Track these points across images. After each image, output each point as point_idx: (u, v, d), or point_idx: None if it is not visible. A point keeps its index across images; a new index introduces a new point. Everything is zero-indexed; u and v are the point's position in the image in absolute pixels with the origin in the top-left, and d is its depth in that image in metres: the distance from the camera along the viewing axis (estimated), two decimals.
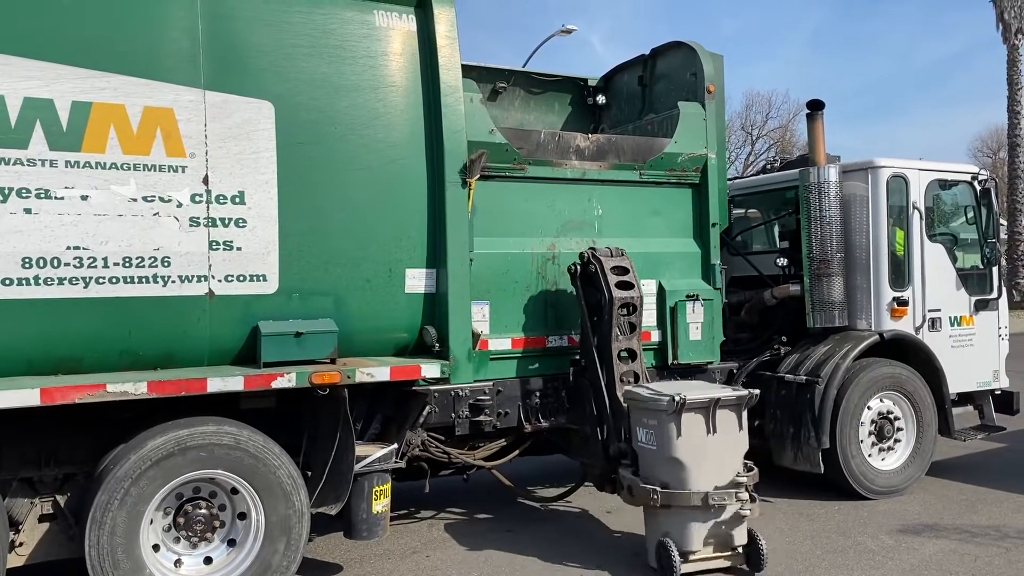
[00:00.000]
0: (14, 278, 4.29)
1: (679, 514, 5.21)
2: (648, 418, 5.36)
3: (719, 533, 5.23)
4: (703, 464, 5.22)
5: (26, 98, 4.32)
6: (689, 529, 5.19)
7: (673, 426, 5.19)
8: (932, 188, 7.58)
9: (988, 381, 7.80)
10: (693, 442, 5.22)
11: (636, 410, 5.50)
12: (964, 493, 7.14)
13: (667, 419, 5.20)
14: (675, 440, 5.20)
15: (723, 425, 5.29)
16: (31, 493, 4.67)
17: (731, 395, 5.36)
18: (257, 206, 4.86)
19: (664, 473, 5.25)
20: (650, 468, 5.35)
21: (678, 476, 5.21)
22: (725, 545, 5.25)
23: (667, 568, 5.15)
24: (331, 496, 5.05)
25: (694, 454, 5.22)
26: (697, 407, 5.24)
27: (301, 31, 5.04)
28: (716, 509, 5.17)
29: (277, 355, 4.82)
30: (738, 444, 5.40)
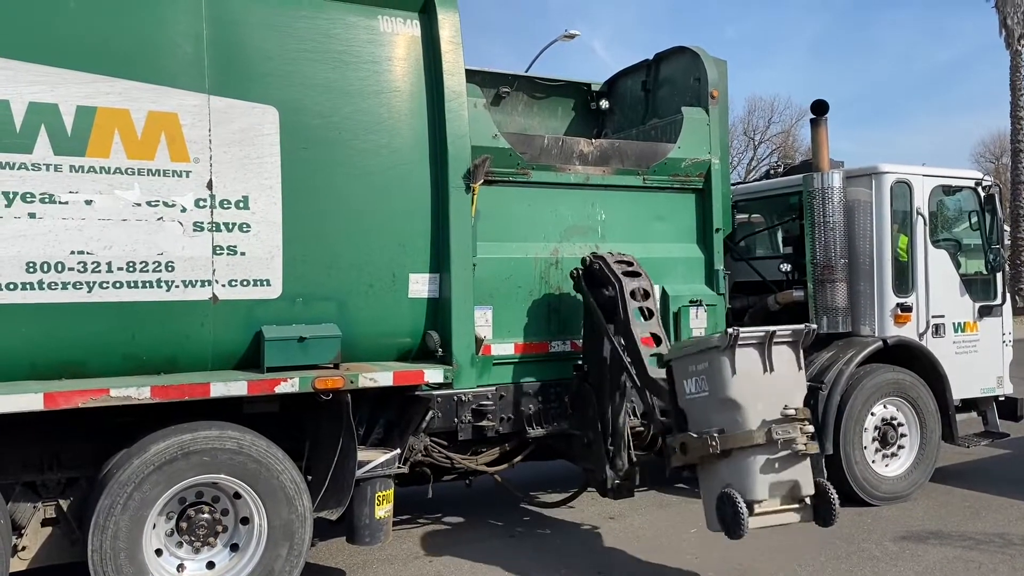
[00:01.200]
0: (18, 282, 4.30)
1: (740, 460, 4.78)
2: (697, 364, 4.97)
3: (785, 481, 4.81)
4: (759, 405, 4.80)
5: (31, 103, 4.32)
6: (753, 475, 4.75)
7: (727, 363, 4.80)
8: (936, 194, 7.58)
9: (992, 387, 7.78)
10: (749, 380, 4.82)
11: (682, 364, 5.10)
12: (968, 500, 7.12)
13: (719, 357, 4.81)
14: (730, 379, 4.80)
15: (780, 363, 4.90)
16: (34, 497, 4.67)
17: (786, 329, 4.96)
18: (261, 211, 4.86)
19: (719, 418, 4.84)
20: (703, 417, 4.94)
21: (734, 418, 4.79)
22: (792, 496, 4.84)
23: (734, 521, 4.69)
24: (333, 501, 5.04)
25: (750, 393, 4.81)
26: (751, 342, 4.85)
27: (306, 36, 5.05)
28: (782, 445, 4.72)
29: (280, 360, 4.82)
30: (797, 385, 5.00)
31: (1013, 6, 27.45)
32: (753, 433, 4.75)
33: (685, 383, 5.12)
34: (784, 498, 4.87)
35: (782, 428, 4.75)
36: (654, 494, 7.44)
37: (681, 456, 5.08)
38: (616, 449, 5.97)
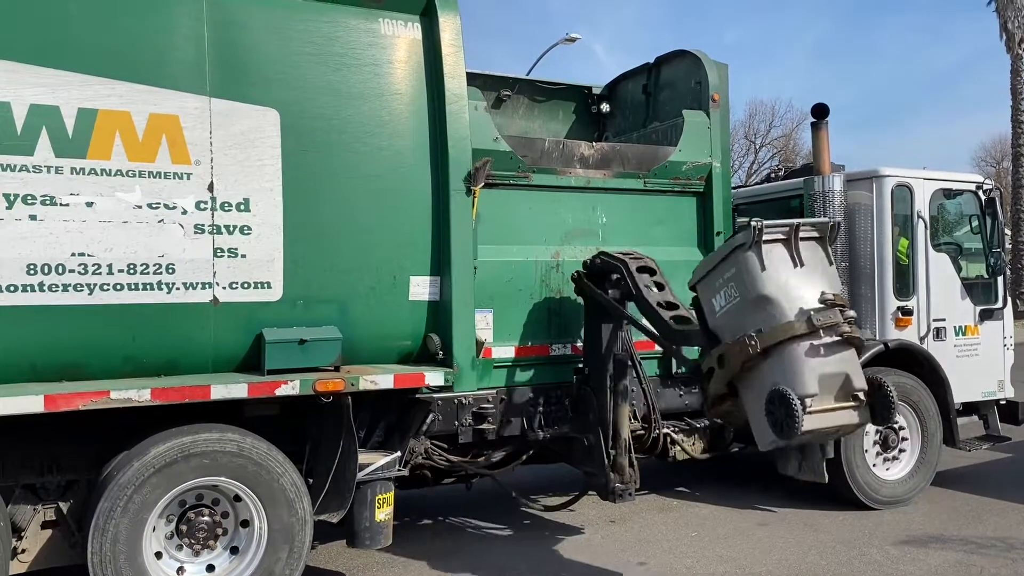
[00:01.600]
0: (19, 284, 4.29)
1: (783, 355, 4.48)
2: (724, 273, 4.77)
3: (834, 373, 4.51)
4: (794, 297, 4.55)
5: (32, 105, 4.32)
6: (799, 368, 4.44)
7: (754, 259, 4.60)
8: (936, 197, 7.57)
9: (993, 391, 7.77)
10: (780, 275, 4.60)
11: (708, 282, 4.91)
12: (969, 504, 7.11)
13: (746, 255, 4.62)
14: (760, 275, 4.57)
15: (809, 257, 4.70)
16: (34, 500, 4.67)
17: (810, 222, 4.78)
18: (262, 213, 4.86)
19: (754, 319, 4.57)
20: (738, 324, 4.67)
21: (771, 315, 4.52)
22: (845, 392, 4.54)
23: (788, 420, 4.32)
24: (334, 504, 5.04)
25: (783, 287, 4.58)
26: (777, 237, 4.64)
27: (307, 39, 5.05)
28: (824, 332, 4.45)
29: (281, 362, 4.82)
30: (831, 279, 4.77)
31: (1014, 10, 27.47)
32: (793, 323, 4.46)
33: (714, 301, 4.86)
34: (837, 394, 4.52)
35: (823, 314, 4.47)
36: (655, 497, 7.43)
37: (720, 370, 4.74)
38: (617, 452, 5.96)
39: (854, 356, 4.63)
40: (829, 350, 4.52)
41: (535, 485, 7.57)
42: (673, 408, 6.76)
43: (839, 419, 4.53)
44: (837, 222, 4.84)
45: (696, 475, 8.02)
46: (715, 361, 4.78)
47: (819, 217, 4.81)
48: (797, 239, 4.70)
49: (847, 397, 4.56)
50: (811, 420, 4.39)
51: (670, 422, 6.77)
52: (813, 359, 4.47)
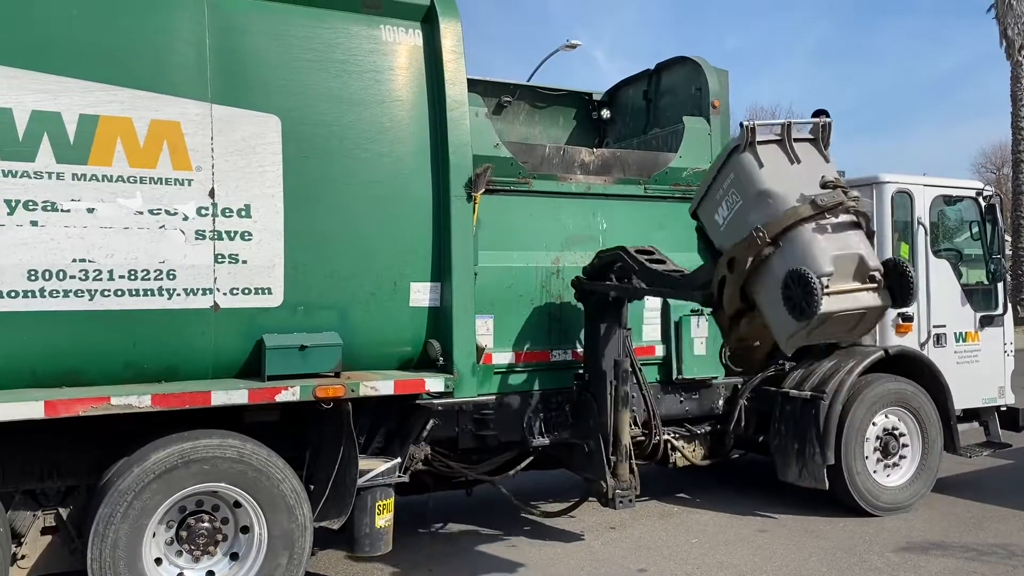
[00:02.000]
0: (20, 290, 4.30)
1: (793, 242, 4.42)
2: (723, 182, 4.78)
3: (847, 254, 4.41)
4: (795, 187, 4.53)
5: (34, 111, 4.33)
6: (811, 249, 4.35)
7: (751, 159, 4.62)
8: (937, 204, 7.59)
9: (993, 397, 7.77)
10: (778, 170, 4.60)
11: (708, 201, 4.91)
12: (970, 510, 7.10)
13: (742, 156, 4.64)
14: (758, 172, 4.59)
15: (805, 156, 4.69)
16: (34, 506, 4.67)
17: (803, 123, 4.78)
18: (263, 219, 4.87)
19: (759, 215, 4.54)
20: (743, 226, 4.62)
21: (775, 206, 4.50)
22: (861, 273, 4.43)
23: (806, 298, 4.18)
24: (334, 510, 5.03)
25: (783, 180, 4.56)
26: (770, 138, 4.68)
27: (308, 45, 5.06)
28: (830, 212, 4.41)
29: (281, 368, 4.82)
30: (829, 173, 4.69)
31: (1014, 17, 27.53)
32: (797, 208, 4.42)
33: (716, 217, 4.84)
34: (854, 275, 4.40)
35: (826, 195, 4.43)
36: (655, 504, 7.42)
37: (732, 283, 4.63)
38: (617, 459, 5.96)
39: (863, 238, 4.55)
40: (838, 229, 4.45)
41: (535, 491, 7.56)
42: (673, 414, 6.77)
43: (859, 301, 4.39)
44: (828, 122, 4.77)
45: (696, 481, 8.01)
46: (725, 267, 4.67)
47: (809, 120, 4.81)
48: (790, 139, 4.69)
49: (864, 279, 4.43)
50: (830, 301, 4.26)
51: (670, 428, 6.78)
52: (823, 240, 4.39)
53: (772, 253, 4.46)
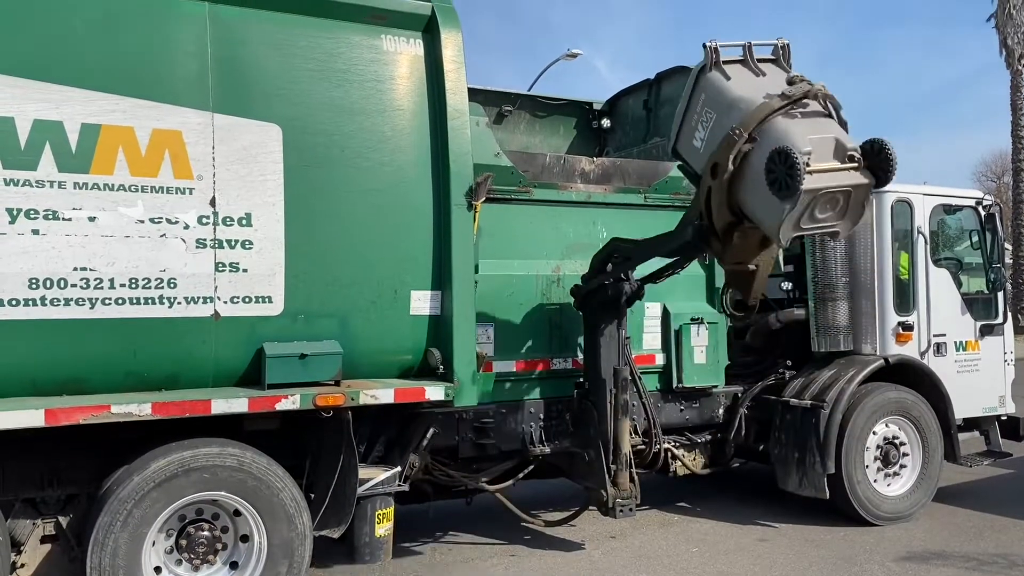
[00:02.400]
0: (21, 299, 4.30)
1: (769, 133, 4.55)
2: (696, 106, 4.98)
3: (824, 137, 4.53)
4: (763, 92, 4.73)
5: (36, 120, 4.34)
6: (788, 135, 4.46)
7: (718, 76, 4.86)
8: (936, 213, 7.60)
9: (994, 406, 7.76)
10: (745, 81, 4.83)
11: (685, 132, 5.10)
12: (971, 520, 7.09)
13: (709, 75, 4.89)
14: (727, 85, 4.82)
15: (769, 71, 4.93)
16: (33, 514, 4.66)
17: (761, 43, 5.02)
18: (264, 228, 4.87)
19: (733, 119, 4.72)
20: (720, 133, 4.81)
21: (748, 107, 4.68)
22: (840, 153, 4.54)
23: (790, 174, 4.30)
24: (334, 519, 5.03)
25: (751, 91, 4.74)
26: (734, 59, 4.93)
27: (309, 55, 5.08)
28: (799, 100, 4.60)
29: (282, 377, 4.82)
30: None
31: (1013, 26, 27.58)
32: (768, 102, 4.61)
33: (695, 142, 5.00)
34: (833, 155, 4.52)
35: (794, 87, 4.65)
36: (655, 513, 7.41)
37: (718, 191, 4.77)
38: (617, 467, 5.96)
39: (837, 125, 4.69)
40: (809, 116, 4.62)
41: (536, 500, 7.55)
42: (674, 423, 6.77)
43: (842, 179, 4.49)
44: (787, 43, 4.97)
45: (697, 490, 8.00)
46: (709, 176, 4.79)
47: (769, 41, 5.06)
48: (753, 57, 4.91)
49: (843, 159, 4.54)
50: (812, 179, 4.35)
51: (671, 437, 6.78)
52: (797, 126, 4.53)
53: (751, 149, 4.59)
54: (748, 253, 5.07)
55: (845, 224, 4.74)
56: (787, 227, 4.56)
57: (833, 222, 4.67)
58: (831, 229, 4.73)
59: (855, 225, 4.79)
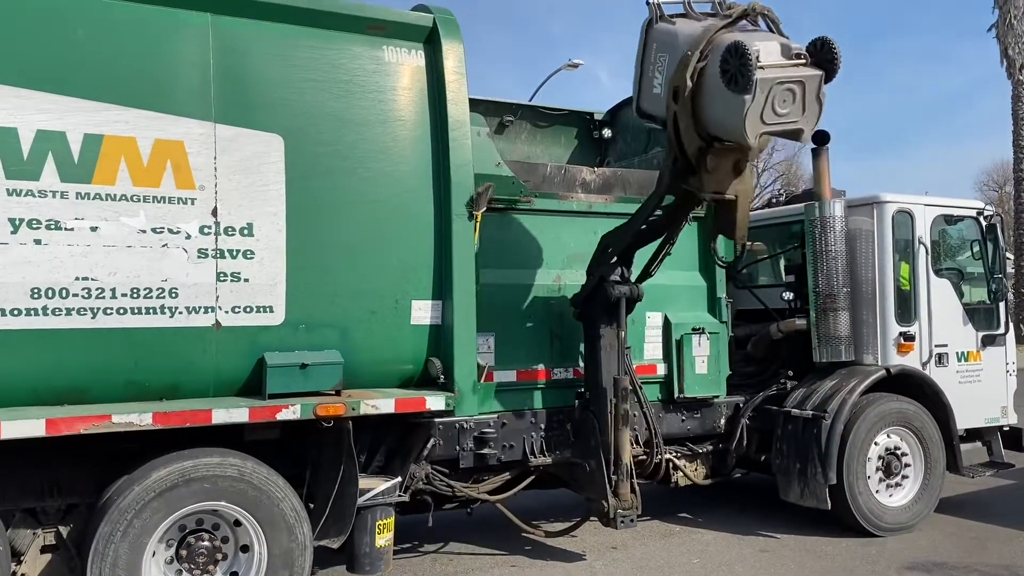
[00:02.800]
0: (23, 308, 4.32)
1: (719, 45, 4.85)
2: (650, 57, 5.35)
3: (769, 40, 4.90)
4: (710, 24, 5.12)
5: (39, 130, 4.37)
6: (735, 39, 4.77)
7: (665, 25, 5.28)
8: (938, 223, 7.59)
9: (996, 417, 7.74)
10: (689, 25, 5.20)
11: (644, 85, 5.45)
12: (973, 531, 7.06)
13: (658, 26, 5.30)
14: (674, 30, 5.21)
15: (709, 20, 5.22)
16: (34, 524, 4.66)
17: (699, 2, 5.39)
18: (265, 238, 4.89)
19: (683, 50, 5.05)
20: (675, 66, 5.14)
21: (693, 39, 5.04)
22: (787, 55, 4.88)
23: (742, 69, 4.62)
24: (334, 529, 5.02)
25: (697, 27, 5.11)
26: (678, 12, 5.33)
27: (311, 66, 5.11)
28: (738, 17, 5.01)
29: (282, 386, 4.83)
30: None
31: (1014, 36, 27.62)
32: (713, 24, 5.02)
33: (655, 90, 5.34)
34: (781, 54, 4.85)
35: (731, 8, 5.09)
36: (657, 523, 7.39)
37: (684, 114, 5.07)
38: (618, 478, 5.95)
39: (777, 36, 5.03)
40: (752, 31, 5.04)
41: (536, 511, 7.53)
42: (675, 433, 6.75)
43: (794, 72, 4.80)
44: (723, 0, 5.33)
45: (698, 501, 7.98)
46: (672, 101, 5.10)
47: None
48: (694, 9, 5.27)
49: (791, 59, 4.88)
50: (766, 72, 4.68)
51: (672, 447, 6.76)
52: (745, 36, 4.87)
53: (704, 64, 4.93)
54: (724, 179, 5.34)
55: (806, 121, 4.93)
56: (752, 123, 4.78)
57: (795, 118, 4.88)
58: (793, 126, 4.92)
59: (816, 124, 5.00)
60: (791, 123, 4.87)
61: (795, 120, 4.88)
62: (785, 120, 4.84)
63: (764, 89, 4.66)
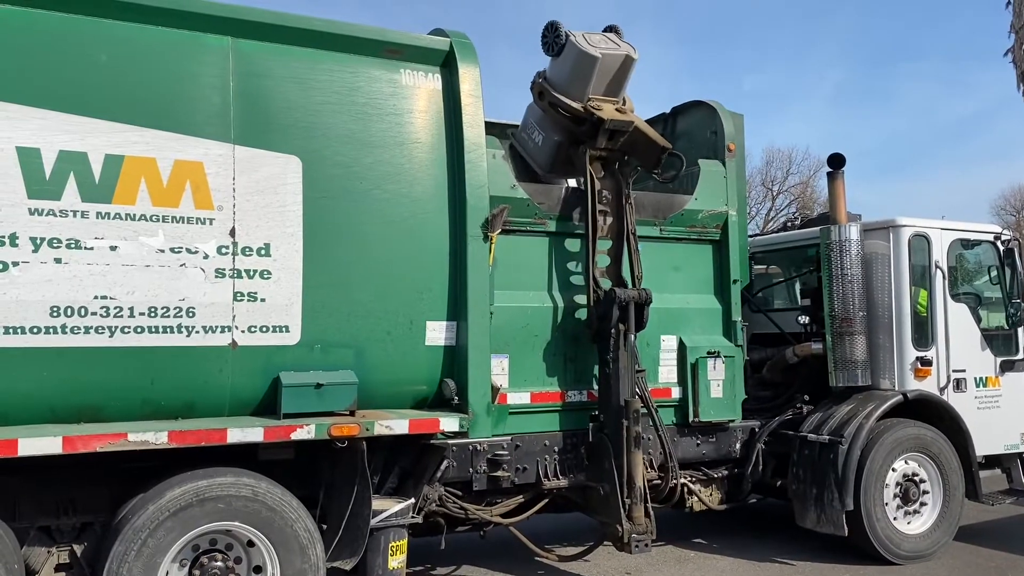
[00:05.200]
0: (42, 326, 4.35)
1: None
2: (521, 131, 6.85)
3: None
4: None
5: (61, 151, 4.43)
6: None
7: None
8: (955, 247, 7.56)
9: (1016, 444, 7.65)
10: None
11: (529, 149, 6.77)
12: (994, 560, 6.95)
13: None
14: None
15: None
16: (48, 542, 4.67)
17: None
18: (282, 258, 4.92)
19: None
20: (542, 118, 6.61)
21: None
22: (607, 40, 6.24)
23: (555, 31, 6.16)
24: (347, 550, 5.01)
25: None
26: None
27: (329, 88, 5.16)
28: None
29: (297, 406, 4.83)
30: None
31: None
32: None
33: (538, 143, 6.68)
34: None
35: None
36: (671, 549, 7.32)
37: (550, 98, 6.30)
38: (632, 502, 5.90)
39: None
40: None
41: (550, 534, 7.48)
42: (690, 458, 6.71)
43: (597, 35, 6.21)
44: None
45: (714, 526, 7.91)
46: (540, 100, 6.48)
47: None
48: None
49: (607, 43, 6.20)
50: (572, 32, 6.11)
51: (687, 472, 6.71)
52: None
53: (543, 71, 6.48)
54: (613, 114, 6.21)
55: (625, 49, 6.18)
56: (588, 49, 6.05)
57: (616, 46, 6.17)
58: (619, 51, 6.15)
59: (635, 50, 6.21)
60: (615, 49, 6.13)
61: (617, 48, 6.15)
62: (609, 48, 6.11)
63: (576, 35, 6.07)
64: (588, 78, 6.11)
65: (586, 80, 6.12)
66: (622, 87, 6.35)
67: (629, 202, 6.36)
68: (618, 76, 6.23)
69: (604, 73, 6.14)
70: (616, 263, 6.32)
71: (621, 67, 6.20)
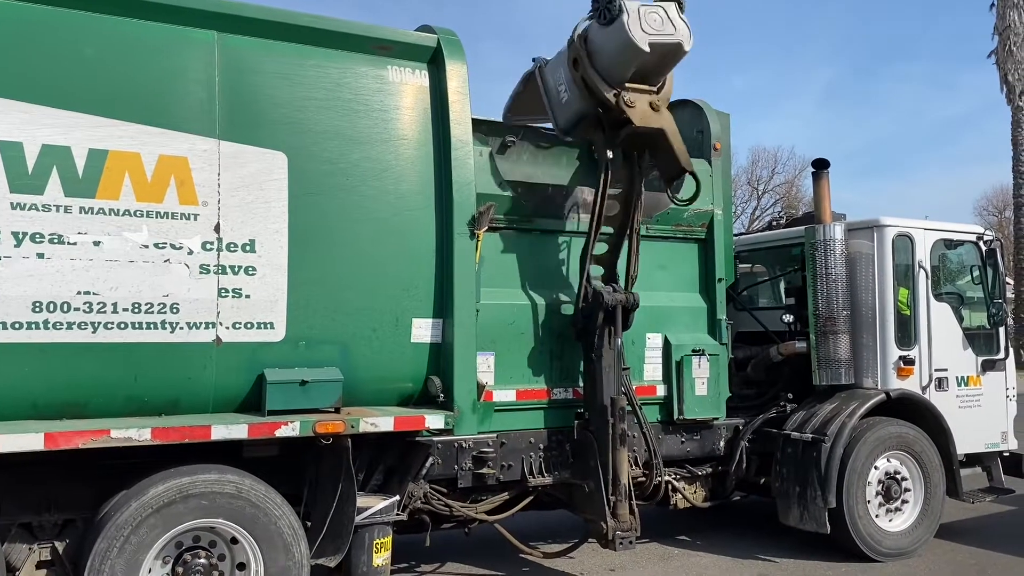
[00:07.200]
0: (24, 322, 4.32)
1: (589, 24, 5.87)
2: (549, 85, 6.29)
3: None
4: None
5: (44, 145, 4.39)
6: None
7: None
8: (938, 247, 7.62)
9: (996, 442, 7.73)
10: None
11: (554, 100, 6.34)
12: (974, 557, 7.02)
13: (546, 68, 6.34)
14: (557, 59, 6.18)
15: None
16: (30, 539, 4.63)
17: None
18: (267, 254, 4.90)
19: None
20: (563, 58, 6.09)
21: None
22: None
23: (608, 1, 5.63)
24: (331, 547, 5.00)
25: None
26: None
27: (316, 84, 5.14)
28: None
29: (282, 403, 4.82)
30: None
31: (1014, 63, 27.82)
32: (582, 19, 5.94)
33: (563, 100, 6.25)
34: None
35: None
36: (655, 546, 7.35)
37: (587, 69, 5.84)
38: (617, 499, 5.92)
39: None
40: None
41: (535, 531, 7.49)
42: (675, 455, 6.74)
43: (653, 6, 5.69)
44: None
45: (697, 523, 7.94)
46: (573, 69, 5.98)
47: None
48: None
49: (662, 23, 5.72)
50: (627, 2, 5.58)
51: (671, 469, 6.74)
52: None
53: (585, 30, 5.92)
54: (646, 114, 5.91)
55: (681, 35, 5.68)
56: (637, 33, 5.55)
57: (670, 32, 5.65)
58: (672, 39, 5.65)
59: (689, 38, 5.70)
60: (669, 36, 5.64)
61: (672, 34, 5.65)
62: (663, 33, 5.62)
63: (631, 11, 5.55)
64: (629, 65, 5.73)
65: (627, 67, 5.74)
66: (664, 74, 5.97)
67: (639, 198, 6.26)
68: (663, 65, 5.83)
69: (648, 62, 5.72)
70: (613, 254, 6.29)
71: (669, 56, 5.75)
